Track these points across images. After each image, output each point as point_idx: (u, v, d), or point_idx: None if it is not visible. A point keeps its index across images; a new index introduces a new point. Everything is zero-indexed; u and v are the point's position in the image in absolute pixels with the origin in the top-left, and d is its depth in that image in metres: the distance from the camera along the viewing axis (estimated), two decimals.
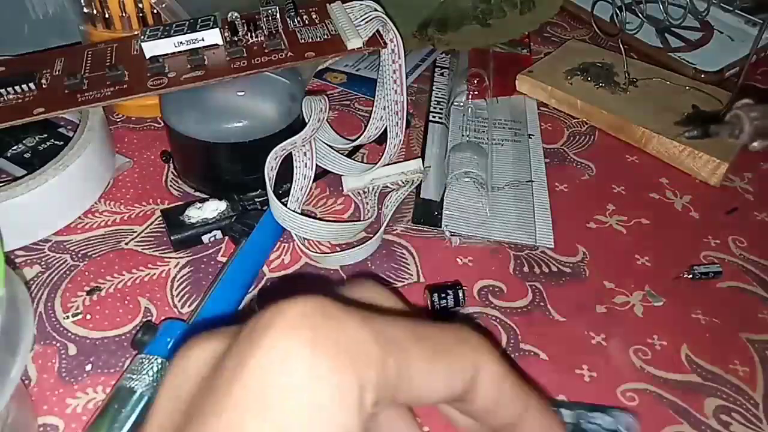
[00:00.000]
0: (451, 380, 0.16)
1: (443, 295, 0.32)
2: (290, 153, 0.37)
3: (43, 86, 0.37)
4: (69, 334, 0.31)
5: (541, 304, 0.34)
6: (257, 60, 0.37)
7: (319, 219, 0.38)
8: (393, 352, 0.15)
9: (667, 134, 0.43)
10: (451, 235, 0.37)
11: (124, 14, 0.42)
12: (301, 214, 0.36)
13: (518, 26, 0.52)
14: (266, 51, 0.37)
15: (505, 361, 0.17)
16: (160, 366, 0.27)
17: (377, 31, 0.38)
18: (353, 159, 0.41)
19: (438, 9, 0.50)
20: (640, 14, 0.45)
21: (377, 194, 0.39)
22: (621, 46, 0.47)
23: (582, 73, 0.49)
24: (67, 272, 0.34)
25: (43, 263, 0.35)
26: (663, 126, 0.44)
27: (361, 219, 0.38)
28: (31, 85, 0.37)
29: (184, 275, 0.34)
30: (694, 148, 0.42)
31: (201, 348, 0.16)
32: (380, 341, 0.15)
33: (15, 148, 0.40)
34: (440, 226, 0.37)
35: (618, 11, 0.45)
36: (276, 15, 0.39)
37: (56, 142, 0.40)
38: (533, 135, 0.45)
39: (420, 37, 0.50)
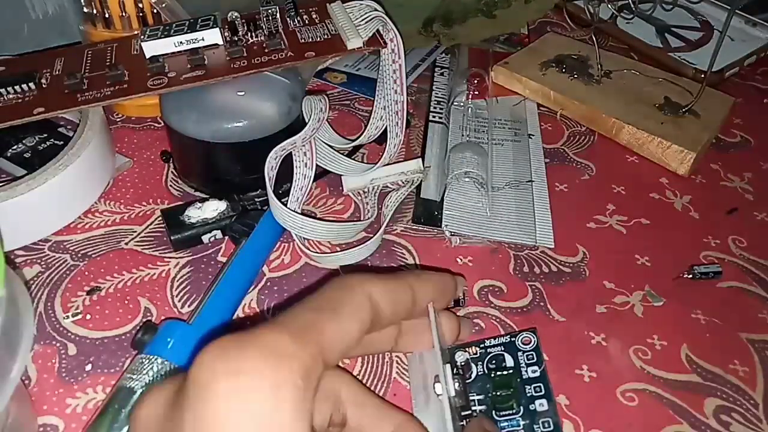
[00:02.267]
0: (358, 318, 0.20)
1: None
2: (290, 153, 0.37)
3: (43, 86, 0.37)
4: (69, 334, 0.31)
5: (541, 304, 0.34)
6: (257, 60, 0.37)
7: (319, 219, 0.38)
8: (306, 333, 0.18)
9: (638, 124, 0.43)
10: (451, 235, 0.37)
11: (124, 14, 0.42)
12: (301, 214, 0.36)
13: (524, 16, 0.52)
14: (266, 51, 0.37)
15: (378, 277, 0.22)
16: (160, 366, 0.27)
17: (377, 30, 0.38)
18: (353, 159, 0.41)
19: (441, 5, 0.50)
20: (632, 5, 0.45)
21: (377, 194, 0.39)
22: (594, 38, 0.47)
23: (557, 65, 0.49)
24: (67, 272, 0.34)
25: (43, 263, 0.35)
26: (634, 116, 0.44)
27: (361, 219, 0.38)
28: (31, 85, 0.37)
29: (184, 275, 0.34)
30: (663, 138, 0.42)
31: (153, 399, 0.19)
32: (292, 333, 0.18)
33: (15, 148, 0.40)
34: (440, 226, 0.37)
35: (590, 4, 0.46)
36: (276, 15, 0.39)
37: (56, 142, 0.40)
38: (533, 135, 0.45)
39: (425, 34, 0.50)
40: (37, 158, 0.39)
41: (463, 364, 0.28)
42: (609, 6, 0.47)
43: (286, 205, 0.36)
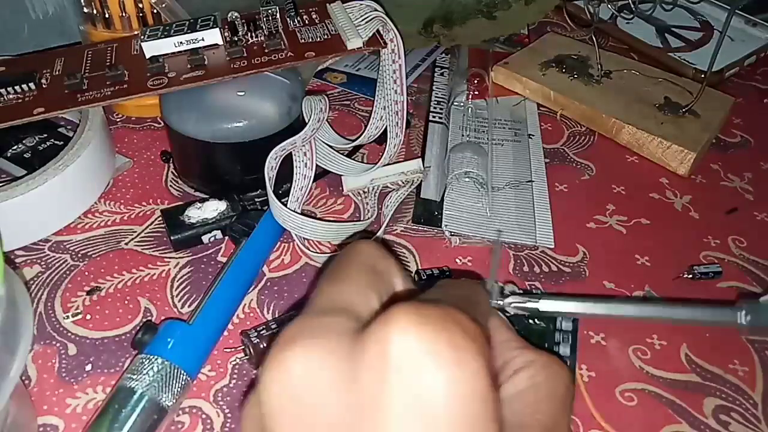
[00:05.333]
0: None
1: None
2: (290, 153, 0.37)
3: (43, 86, 0.37)
4: (69, 334, 0.31)
5: None
6: (257, 60, 0.37)
7: (319, 219, 0.38)
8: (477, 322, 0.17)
9: (638, 125, 0.43)
10: (451, 235, 0.37)
11: (124, 14, 0.42)
12: (301, 214, 0.36)
13: (524, 17, 0.52)
14: (266, 51, 0.37)
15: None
16: (160, 366, 0.27)
17: (377, 31, 0.38)
18: (353, 159, 0.41)
19: (441, 5, 0.50)
20: (632, 5, 0.45)
21: (377, 194, 0.39)
22: (594, 38, 0.47)
23: (557, 65, 0.49)
24: (67, 272, 0.34)
25: (43, 263, 0.35)
26: (634, 116, 0.44)
27: (361, 219, 0.38)
28: (31, 85, 0.37)
29: (184, 275, 0.34)
30: (663, 138, 0.42)
31: (303, 362, 0.15)
32: (472, 317, 0.17)
33: (15, 148, 0.40)
34: (440, 226, 0.37)
35: (590, 4, 0.46)
36: (276, 15, 0.39)
37: (56, 142, 0.40)
38: (533, 135, 0.45)
39: (425, 35, 0.50)
40: (37, 158, 0.39)
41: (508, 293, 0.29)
42: (609, 6, 0.47)
43: (286, 205, 0.36)
